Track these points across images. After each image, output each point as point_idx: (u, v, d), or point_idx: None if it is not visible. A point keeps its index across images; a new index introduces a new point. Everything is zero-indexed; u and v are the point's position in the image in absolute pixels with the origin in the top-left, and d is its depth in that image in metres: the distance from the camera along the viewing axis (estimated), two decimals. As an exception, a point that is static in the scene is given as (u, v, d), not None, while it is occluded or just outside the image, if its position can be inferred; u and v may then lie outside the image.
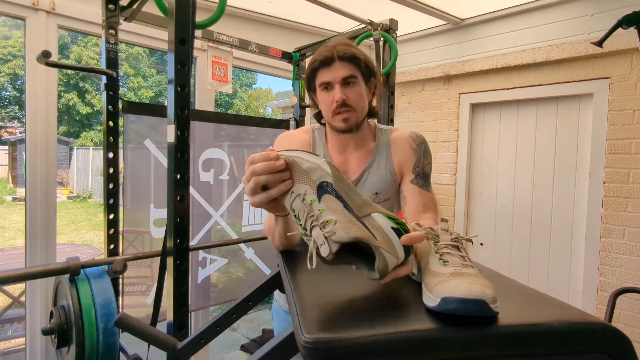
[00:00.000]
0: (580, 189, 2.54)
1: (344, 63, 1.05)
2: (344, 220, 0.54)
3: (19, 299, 3.01)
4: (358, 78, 1.07)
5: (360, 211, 0.56)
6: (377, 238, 0.54)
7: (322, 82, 1.06)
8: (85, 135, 15.84)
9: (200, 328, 0.92)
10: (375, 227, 0.55)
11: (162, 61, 16.61)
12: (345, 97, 1.04)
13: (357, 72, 1.06)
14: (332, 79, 1.04)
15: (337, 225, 0.53)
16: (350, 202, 0.56)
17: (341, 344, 0.44)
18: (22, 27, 1.82)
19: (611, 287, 2.28)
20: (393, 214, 0.58)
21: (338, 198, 0.56)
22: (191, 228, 1.65)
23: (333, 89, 1.05)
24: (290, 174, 0.59)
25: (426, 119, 3.25)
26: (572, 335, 0.48)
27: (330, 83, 1.05)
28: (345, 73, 1.04)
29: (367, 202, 0.58)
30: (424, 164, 1.10)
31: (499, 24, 2.78)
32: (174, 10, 1.12)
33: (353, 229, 0.53)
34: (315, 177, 0.58)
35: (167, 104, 1.19)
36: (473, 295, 0.47)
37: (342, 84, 1.05)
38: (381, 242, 0.54)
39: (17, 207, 11.09)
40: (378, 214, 0.57)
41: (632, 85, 2.28)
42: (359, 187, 1.10)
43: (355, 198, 0.57)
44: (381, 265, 0.53)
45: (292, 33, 2.91)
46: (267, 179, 0.59)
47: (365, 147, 1.14)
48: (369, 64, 1.09)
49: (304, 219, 0.57)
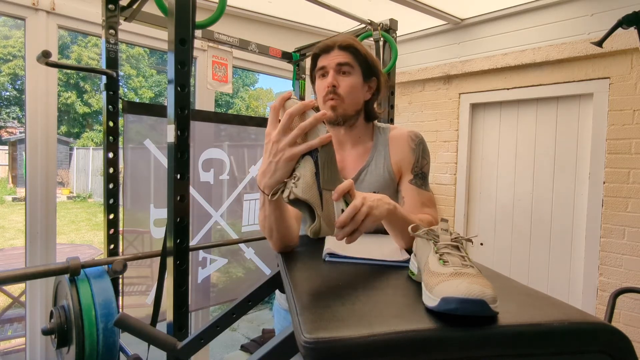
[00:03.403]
0: (580, 189, 2.54)
1: (341, 51, 1.05)
2: (308, 182, 0.65)
3: (19, 299, 3.01)
4: (354, 69, 1.06)
5: (325, 183, 0.66)
6: (323, 210, 0.65)
7: (319, 68, 1.07)
8: (86, 135, 15.84)
9: (200, 328, 0.92)
10: (328, 201, 0.66)
11: (162, 61, 16.61)
12: (336, 84, 1.04)
13: (354, 63, 1.06)
14: (328, 64, 1.05)
15: (300, 181, 0.65)
16: (322, 172, 0.66)
17: (341, 344, 0.44)
18: (22, 27, 1.82)
19: (611, 287, 2.28)
20: (351, 199, 0.69)
21: (315, 164, 0.66)
22: (191, 228, 1.65)
23: (327, 75, 1.06)
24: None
25: (426, 119, 3.26)
26: (572, 335, 0.48)
27: (325, 68, 1.06)
28: (341, 60, 1.05)
29: (335, 180, 0.68)
30: (422, 163, 1.10)
31: (499, 24, 2.78)
32: (174, 10, 1.12)
33: (309, 192, 0.64)
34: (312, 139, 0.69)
35: (167, 104, 1.19)
36: (473, 295, 0.47)
37: (337, 70, 1.05)
38: (324, 214, 0.65)
39: (17, 207, 11.08)
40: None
41: (632, 85, 2.28)
42: (357, 186, 1.08)
43: (328, 172, 0.67)
44: (313, 230, 0.65)
45: (292, 33, 2.91)
46: (312, 123, 0.67)
47: (362, 145, 1.13)
48: (370, 61, 1.09)
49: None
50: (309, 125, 0.67)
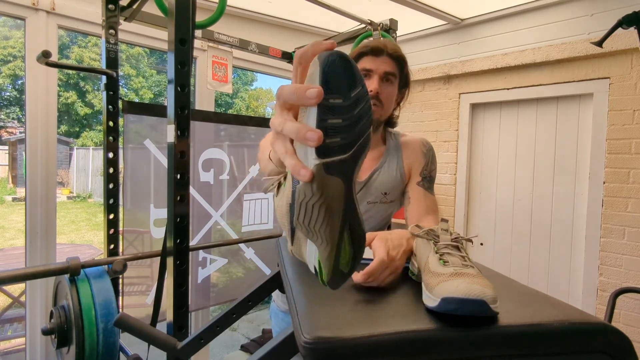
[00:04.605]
0: (580, 189, 2.54)
1: (391, 60, 1.07)
2: (281, 208, 0.52)
3: (19, 299, 3.01)
4: (396, 80, 1.10)
5: (300, 226, 0.45)
6: (294, 245, 0.53)
7: (363, 68, 1.07)
8: (86, 135, 15.84)
9: (200, 328, 0.92)
10: (300, 239, 0.51)
11: (162, 61, 16.61)
12: (380, 91, 1.06)
13: (397, 73, 1.09)
14: (376, 68, 1.06)
15: (277, 198, 0.54)
16: (297, 210, 0.43)
17: (341, 344, 0.44)
18: (22, 27, 1.82)
19: (611, 287, 2.28)
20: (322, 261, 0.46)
21: (292, 194, 0.48)
22: (191, 228, 1.65)
23: (371, 79, 1.06)
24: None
25: (426, 119, 3.25)
26: (572, 336, 0.48)
27: (371, 72, 1.06)
28: (389, 68, 1.06)
29: (319, 232, 0.44)
30: (431, 168, 1.15)
31: (499, 24, 2.78)
32: (174, 10, 1.12)
33: (281, 218, 0.53)
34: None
35: (167, 104, 1.19)
36: (473, 296, 0.47)
37: (383, 77, 1.06)
38: (295, 249, 0.54)
39: (17, 207, 11.08)
40: (310, 246, 0.49)
41: (632, 85, 2.28)
42: (368, 186, 1.10)
43: (306, 216, 0.43)
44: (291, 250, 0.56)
45: (292, 33, 2.91)
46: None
47: (376, 148, 1.16)
48: (408, 74, 1.13)
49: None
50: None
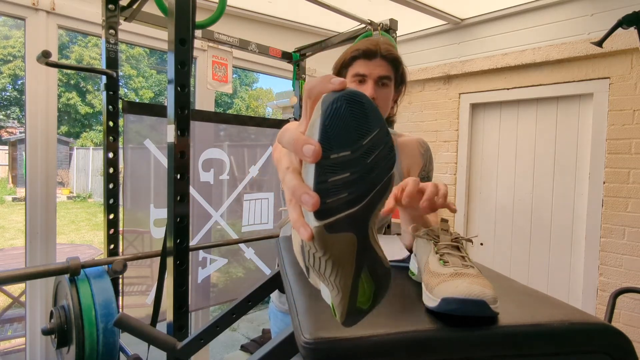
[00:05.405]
0: (580, 189, 2.54)
1: (385, 62, 1.04)
2: (296, 245, 0.49)
3: (19, 299, 3.01)
4: (391, 81, 1.07)
5: (312, 269, 0.39)
6: (310, 277, 0.47)
7: (356, 73, 1.05)
8: (86, 135, 15.84)
9: (200, 328, 0.92)
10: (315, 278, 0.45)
11: (162, 61, 16.61)
12: (375, 97, 1.04)
13: (392, 75, 1.07)
14: (370, 73, 1.04)
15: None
16: (307, 256, 0.38)
17: (341, 344, 0.44)
18: (22, 27, 1.82)
19: (611, 287, 2.28)
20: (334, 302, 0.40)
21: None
22: (191, 228, 1.65)
23: (365, 84, 1.04)
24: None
25: (426, 119, 3.25)
26: (572, 336, 0.48)
27: (365, 77, 1.04)
28: (383, 72, 1.04)
29: (334, 277, 0.38)
30: (429, 169, 1.14)
31: (499, 24, 2.78)
32: (174, 10, 1.12)
33: (296, 253, 0.50)
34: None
35: (167, 104, 1.19)
36: (473, 296, 0.47)
37: (377, 82, 1.04)
38: (312, 280, 0.47)
39: (17, 207, 11.08)
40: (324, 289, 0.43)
41: (632, 85, 2.28)
42: None
43: (315, 262, 0.37)
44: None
45: (292, 33, 2.91)
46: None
47: None
48: (404, 72, 1.10)
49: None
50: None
